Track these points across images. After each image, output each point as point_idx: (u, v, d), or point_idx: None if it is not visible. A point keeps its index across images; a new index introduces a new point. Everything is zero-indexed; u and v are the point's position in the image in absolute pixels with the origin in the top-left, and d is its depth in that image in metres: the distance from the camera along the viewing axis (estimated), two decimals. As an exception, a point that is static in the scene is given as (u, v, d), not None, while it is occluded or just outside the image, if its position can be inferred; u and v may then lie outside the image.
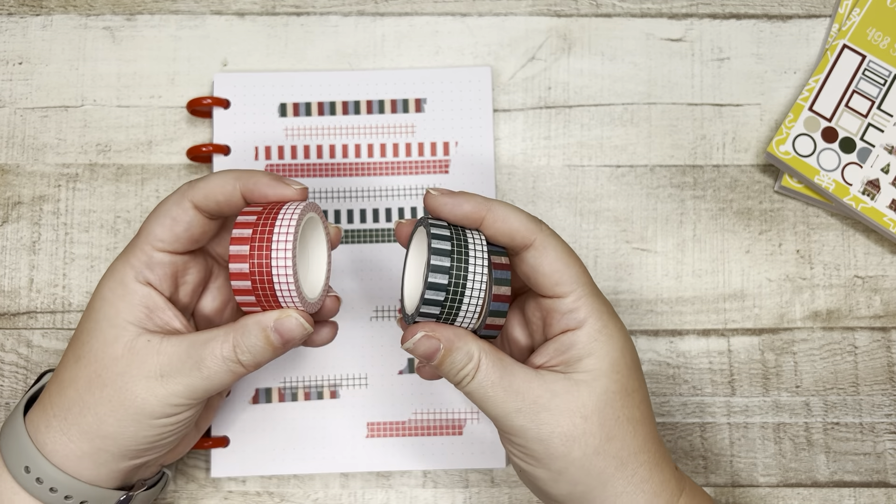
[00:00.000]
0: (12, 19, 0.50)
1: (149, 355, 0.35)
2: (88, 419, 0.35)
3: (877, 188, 0.47)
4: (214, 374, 0.34)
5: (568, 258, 0.35)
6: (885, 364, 0.48)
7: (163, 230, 0.36)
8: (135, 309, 0.35)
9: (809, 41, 0.51)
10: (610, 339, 0.35)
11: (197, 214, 0.36)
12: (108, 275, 0.36)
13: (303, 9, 0.50)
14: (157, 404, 0.34)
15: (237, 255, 0.33)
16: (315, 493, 0.46)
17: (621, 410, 0.34)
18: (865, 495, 0.47)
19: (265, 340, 0.34)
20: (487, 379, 0.33)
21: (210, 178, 0.36)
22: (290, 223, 0.33)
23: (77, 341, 0.36)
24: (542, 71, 0.50)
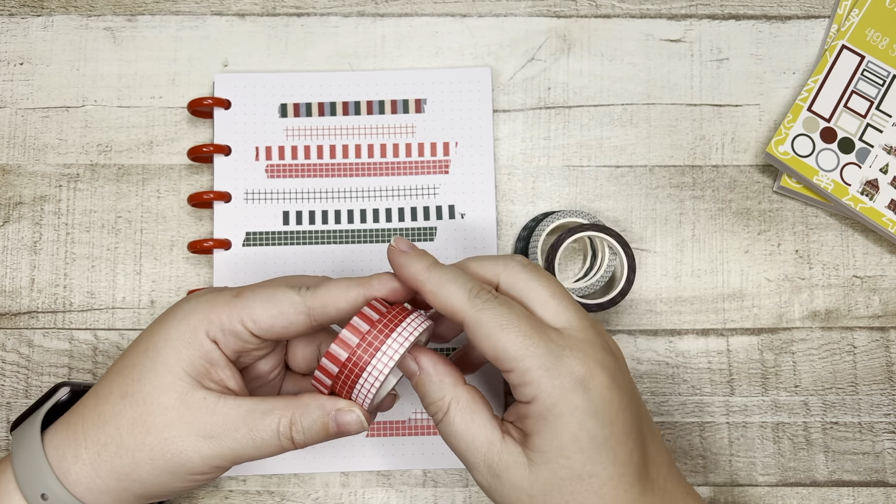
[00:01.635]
0: (13, 20, 0.50)
1: (202, 413, 0.34)
2: (124, 461, 0.34)
3: (875, 188, 0.47)
4: (265, 446, 0.34)
5: (508, 332, 0.32)
6: (883, 364, 0.48)
7: (265, 317, 0.35)
8: (197, 361, 0.34)
9: (808, 42, 0.51)
10: (558, 419, 0.32)
11: (304, 321, 0.35)
12: (180, 313, 0.35)
13: (303, 9, 0.50)
14: (200, 463, 0.34)
15: (344, 343, 0.33)
16: (315, 493, 0.46)
17: (571, 496, 0.32)
18: (864, 494, 0.47)
19: (322, 426, 0.34)
20: (449, 427, 0.34)
21: (329, 287, 0.35)
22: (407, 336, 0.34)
23: (127, 375, 0.35)
24: (541, 71, 0.50)
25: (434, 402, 0.34)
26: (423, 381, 0.34)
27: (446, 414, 0.34)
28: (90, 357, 0.47)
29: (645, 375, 0.48)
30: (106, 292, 0.48)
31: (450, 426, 0.34)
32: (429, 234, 0.48)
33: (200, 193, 0.47)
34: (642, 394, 0.48)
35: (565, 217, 0.46)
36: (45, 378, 0.47)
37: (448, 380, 0.34)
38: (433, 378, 0.34)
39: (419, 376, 0.34)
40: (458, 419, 0.34)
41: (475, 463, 0.33)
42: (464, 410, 0.34)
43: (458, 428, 0.33)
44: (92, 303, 0.48)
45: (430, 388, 0.34)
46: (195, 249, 0.47)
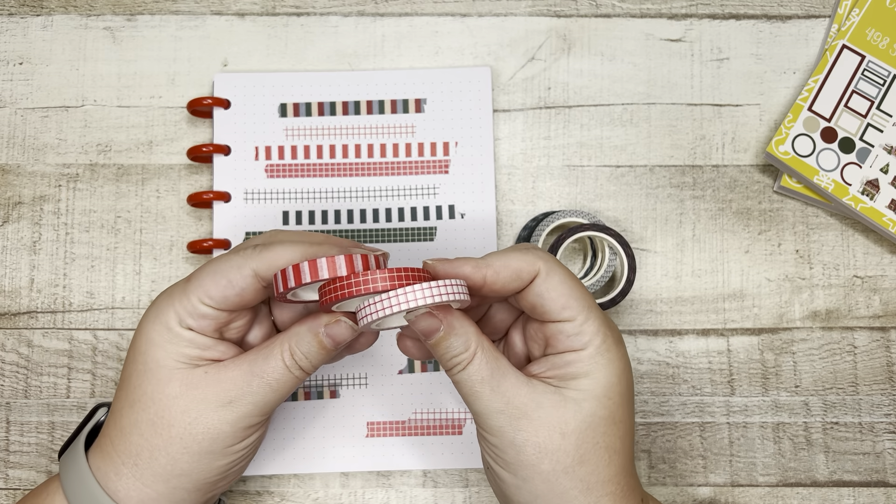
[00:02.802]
0: (13, 19, 0.50)
1: (210, 385, 0.35)
2: (161, 461, 0.35)
3: (876, 188, 0.47)
4: (282, 384, 0.35)
5: (573, 282, 0.35)
6: (884, 364, 0.48)
7: (216, 289, 0.35)
8: (184, 351, 0.35)
9: (809, 41, 0.51)
10: (610, 363, 0.34)
11: (255, 283, 0.35)
12: (152, 314, 0.36)
13: (303, 9, 0.50)
14: (230, 431, 0.35)
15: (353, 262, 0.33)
16: (315, 493, 0.46)
17: (602, 437, 0.34)
18: (864, 495, 0.47)
19: (318, 345, 0.35)
20: (478, 373, 0.34)
21: (276, 249, 0.35)
22: (449, 292, 0.33)
23: (128, 385, 0.36)
24: (541, 71, 0.50)
25: (459, 354, 0.34)
26: (448, 334, 0.34)
27: (471, 362, 0.34)
28: (90, 357, 0.47)
29: (645, 375, 0.48)
30: (105, 292, 0.48)
31: (476, 372, 0.34)
32: (429, 234, 0.48)
33: (200, 193, 0.47)
34: (643, 394, 0.48)
35: (565, 217, 0.46)
36: (45, 378, 0.47)
37: (472, 328, 0.34)
38: (457, 329, 0.34)
39: (442, 333, 0.34)
40: (485, 364, 0.34)
41: (498, 407, 0.33)
42: (489, 357, 0.34)
43: (484, 373, 0.33)
44: (91, 303, 0.48)
45: (454, 342, 0.34)
46: (195, 249, 0.47)
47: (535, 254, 0.35)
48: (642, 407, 0.48)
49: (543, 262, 0.35)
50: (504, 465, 0.34)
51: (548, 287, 0.34)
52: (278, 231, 0.39)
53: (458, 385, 0.34)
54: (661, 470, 0.47)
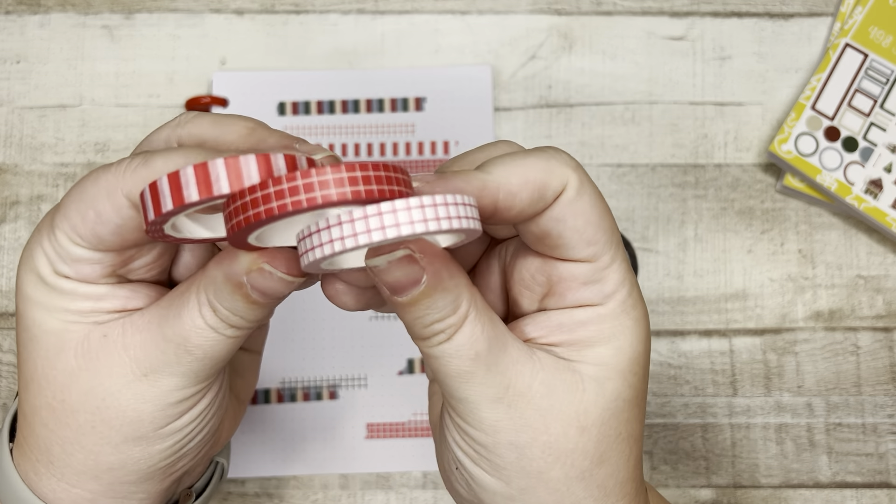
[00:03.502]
0: (10, 18, 0.50)
1: (114, 354, 0.25)
2: (78, 457, 0.26)
3: (879, 187, 0.47)
4: (212, 351, 0.25)
5: (605, 207, 0.25)
6: (887, 364, 0.48)
7: (83, 224, 0.24)
8: (67, 304, 0.25)
9: (811, 40, 0.50)
10: (636, 325, 0.25)
11: (134, 216, 0.24)
12: (23, 262, 0.26)
13: (302, 7, 0.50)
14: (153, 411, 0.26)
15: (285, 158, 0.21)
16: (314, 495, 0.46)
17: (625, 425, 0.25)
18: (868, 496, 0.47)
19: (245, 301, 0.24)
20: (470, 346, 0.23)
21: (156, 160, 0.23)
22: (449, 214, 0.20)
23: (20, 359, 0.26)
24: (542, 69, 0.50)
25: (444, 318, 0.23)
26: (433, 289, 0.22)
27: (460, 329, 0.23)
28: (87, 358, 0.47)
29: (647, 376, 0.47)
30: (103, 292, 0.48)
31: (468, 345, 0.23)
32: (429, 233, 0.47)
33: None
34: (644, 395, 0.47)
35: None
36: (42, 379, 0.47)
37: (464, 279, 0.23)
38: (445, 281, 0.22)
39: (424, 287, 0.22)
40: (481, 333, 0.23)
41: (495, 394, 0.24)
42: (485, 320, 0.24)
43: (479, 346, 0.23)
44: (89, 303, 0.47)
45: (438, 301, 0.23)
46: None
47: (560, 158, 0.24)
48: (644, 408, 0.47)
49: (573, 171, 0.24)
50: (493, 470, 0.25)
51: (574, 211, 0.24)
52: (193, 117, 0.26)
53: (435, 361, 0.24)
54: (662, 471, 0.47)
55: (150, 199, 0.20)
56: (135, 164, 0.23)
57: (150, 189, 0.20)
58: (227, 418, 0.31)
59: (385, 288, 0.22)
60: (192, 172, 0.20)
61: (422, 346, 0.24)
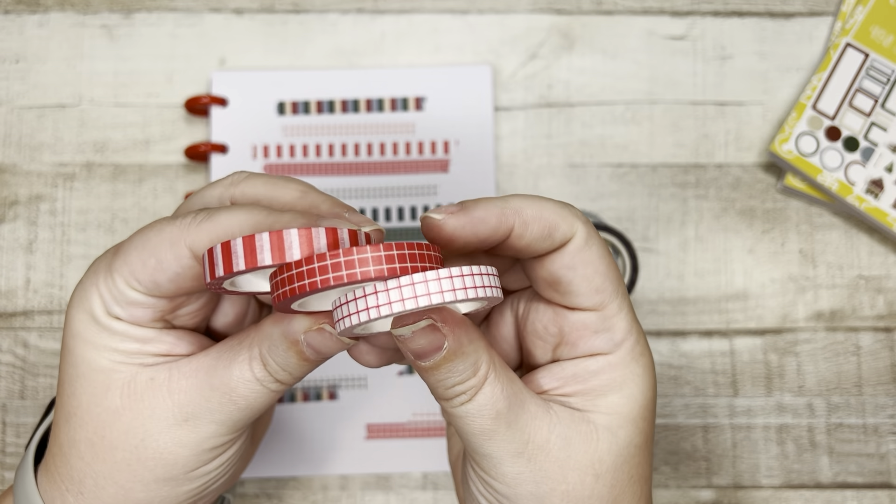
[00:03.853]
0: (9, 17, 0.50)
1: (158, 398, 0.27)
2: (109, 491, 0.27)
3: (880, 187, 0.47)
4: (252, 402, 0.27)
5: (611, 260, 0.27)
6: (888, 365, 0.48)
7: (144, 271, 0.26)
8: (117, 345, 0.27)
9: (812, 39, 0.50)
10: (645, 372, 0.27)
11: (194, 265, 0.26)
12: (76, 298, 0.27)
13: (301, 6, 0.50)
14: (189, 455, 0.27)
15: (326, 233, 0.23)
16: (314, 496, 0.46)
17: (636, 469, 0.27)
18: (869, 497, 0.46)
19: (298, 357, 0.26)
20: (491, 406, 0.25)
21: (222, 218, 0.25)
22: (473, 285, 0.22)
23: (63, 392, 0.28)
24: (543, 69, 0.50)
25: (465, 380, 0.25)
26: (455, 354, 0.24)
27: (480, 390, 0.25)
28: (86, 358, 0.47)
29: (647, 377, 0.47)
30: (102, 293, 0.47)
31: (489, 405, 0.25)
32: (429, 233, 0.47)
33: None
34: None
35: None
36: (41, 379, 0.46)
37: (482, 342, 0.25)
38: (466, 346, 0.24)
39: (446, 353, 0.24)
40: (501, 393, 0.25)
41: (516, 449, 0.25)
42: (504, 380, 0.25)
43: (500, 405, 0.25)
44: (88, 303, 0.47)
45: (460, 363, 0.24)
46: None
47: (571, 211, 0.26)
48: (644, 408, 0.47)
49: (583, 224, 0.26)
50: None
51: (583, 259, 0.26)
52: (247, 177, 0.28)
53: (460, 420, 0.25)
54: (663, 472, 0.47)
55: (220, 257, 0.23)
56: (199, 218, 0.25)
57: (223, 248, 0.23)
58: (242, 460, 0.32)
59: (409, 354, 0.24)
60: (268, 239, 0.22)
61: (445, 406, 0.26)
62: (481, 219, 0.25)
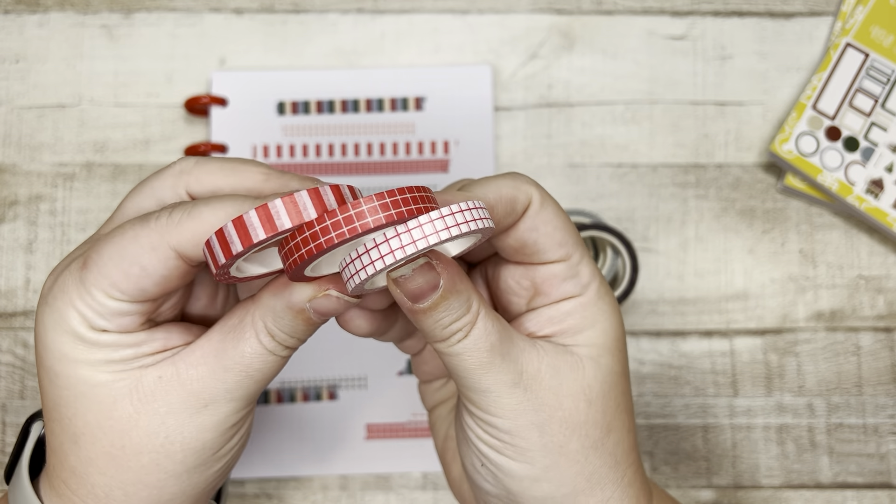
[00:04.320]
0: (9, 17, 0.50)
1: (172, 393, 0.27)
2: (142, 495, 0.27)
3: (880, 187, 0.47)
4: (265, 371, 0.27)
5: (563, 212, 0.29)
6: (888, 365, 0.47)
7: (127, 281, 0.25)
8: (111, 356, 0.26)
9: (812, 39, 0.50)
10: (611, 308, 0.29)
11: (180, 265, 0.26)
12: (48, 319, 0.26)
13: (301, 6, 0.50)
14: (215, 437, 0.27)
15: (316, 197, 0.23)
16: (314, 496, 0.46)
17: (621, 397, 0.29)
18: (869, 497, 0.46)
19: (305, 322, 0.27)
20: (485, 339, 0.26)
21: (202, 212, 0.25)
22: (465, 220, 0.23)
23: (60, 416, 0.27)
24: (543, 69, 0.50)
25: (460, 317, 0.26)
26: (449, 292, 0.25)
27: (475, 325, 0.26)
28: (86, 358, 0.47)
29: (648, 377, 0.47)
30: (102, 293, 0.47)
31: (483, 338, 0.26)
32: (429, 233, 0.47)
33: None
34: (645, 395, 0.47)
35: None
36: (41, 379, 0.46)
37: (468, 280, 0.26)
38: (458, 284, 0.26)
39: (442, 291, 0.25)
40: (493, 326, 0.26)
41: (512, 379, 0.27)
42: (493, 316, 0.27)
43: (493, 338, 0.26)
44: (88, 303, 0.47)
45: (454, 301, 0.25)
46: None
47: (522, 178, 0.28)
48: (645, 409, 0.47)
49: (535, 188, 0.28)
50: (518, 454, 0.27)
51: (543, 219, 0.28)
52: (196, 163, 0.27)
53: (456, 358, 0.26)
54: (663, 472, 0.47)
55: (218, 246, 0.23)
56: (177, 216, 0.25)
57: (218, 236, 0.23)
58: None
59: (407, 299, 0.25)
60: (255, 214, 0.22)
61: (442, 348, 0.27)
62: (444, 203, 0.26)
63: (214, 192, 0.27)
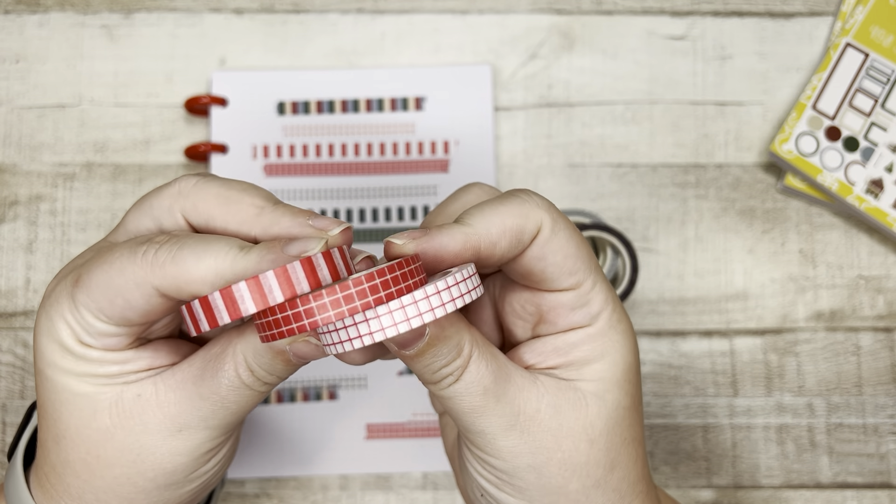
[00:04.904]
0: (9, 17, 0.50)
1: (148, 412, 0.27)
2: (113, 502, 0.28)
3: (880, 187, 0.47)
4: (242, 404, 0.27)
5: (580, 239, 0.27)
6: (888, 365, 0.47)
7: (111, 308, 0.26)
8: (96, 369, 0.27)
9: (812, 39, 0.50)
10: (624, 338, 0.28)
11: (162, 302, 0.26)
12: (43, 325, 0.27)
13: (301, 6, 0.50)
14: (188, 462, 0.28)
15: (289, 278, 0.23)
16: (314, 495, 0.46)
17: (628, 430, 0.27)
18: (869, 497, 0.46)
19: (284, 363, 0.27)
20: (478, 382, 0.25)
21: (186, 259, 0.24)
22: (462, 293, 0.23)
23: (47, 415, 0.28)
24: (543, 69, 0.50)
25: (450, 362, 0.25)
26: (436, 339, 0.25)
27: (466, 369, 0.25)
28: (86, 358, 0.47)
29: (648, 377, 0.47)
30: (102, 293, 0.47)
31: (476, 382, 0.25)
32: (429, 233, 0.47)
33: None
34: (645, 395, 0.47)
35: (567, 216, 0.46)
36: (41, 379, 0.46)
37: (461, 323, 0.26)
38: (447, 330, 0.25)
39: (427, 340, 0.24)
40: (486, 368, 0.25)
41: (507, 422, 0.26)
42: (488, 356, 0.26)
43: (486, 381, 0.25)
44: (88, 303, 0.47)
45: (443, 348, 0.25)
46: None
47: (533, 202, 0.26)
48: (645, 409, 0.47)
49: (547, 213, 0.26)
50: (516, 491, 0.27)
51: (552, 248, 0.26)
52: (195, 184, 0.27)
53: (449, 401, 0.26)
54: (663, 472, 0.47)
55: (202, 313, 0.23)
56: (162, 257, 0.25)
57: (202, 304, 0.23)
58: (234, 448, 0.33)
59: (393, 345, 0.25)
60: (220, 298, 0.22)
61: (434, 390, 0.26)
62: (443, 245, 0.25)
63: (208, 221, 0.27)
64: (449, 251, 0.25)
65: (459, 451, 0.30)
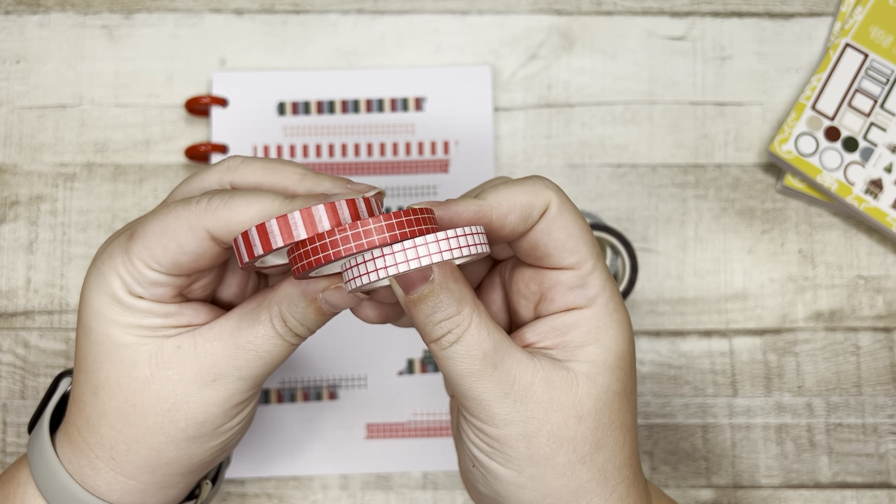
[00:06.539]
0: (10, 18, 0.50)
1: (186, 362, 0.29)
2: (142, 453, 0.30)
3: (879, 188, 0.47)
4: (275, 355, 0.30)
5: (584, 223, 0.29)
6: (887, 365, 0.48)
7: (165, 254, 0.28)
8: (142, 321, 0.29)
9: (812, 39, 0.50)
10: (619, 325, 0.29)
11: (212, 246, 0.28)
12: (94, 281, 0.29)
13: (301, 7, 0.50)
14: (218, 413, 0.30)
15: (331, 211, 0.26)
16: (314, 495, 0.46)
17: (617, 415, 0.29)
18: (868, 497, 0.47)
19: (316, 311, 0.29)
20: (478, 346, 0.27)
21: (237, 204, 0.28)
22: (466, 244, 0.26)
23: (86, 368, 0.30)
24: (542, 69, 0.50)
25: (450, 317, 0.27)
26: (441, 287, 0.26)
27: (467, 330, 0.27)
28: (86, 358, 0.47)
29: (647, 377, 0.47)
30: (102, 293, 0.47)
31: (476, 345, 0.27)
32: (429, 233, 0.47)
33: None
34: (644, 395, 0.47)
35: None
36: (42, 379, 0.46)
37: (467, 287, 0.27)
38: (452, 280, 0.26)
39: (430, 285, 0.26)
40: (486, 335, 0.27)
41: (503, 390, 0.27)
42: (489, 325, 0.27)
43: (486, 346, 0.27)
44: (88, 303, 0.47)
45: (444, 300, 0.26)
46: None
47: (543, 183, 0.29)
48: (644, 408, 0.47)
49: (555, 193, 0.29)
50: (506, 461, 0.28)
51: (557, 225, 0.28)
52: (242, 161, 0.30)
53: (449, 363, 0.27)
54: (663, 472, 0.47)
55: (243, 246, 0.26)
56: (215, 203, 0.28)
57: (243, 238, 0.26)
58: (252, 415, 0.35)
59: (400, 287, 0.26)
60: (276, 224, 0.26)
61: (435, 350, 0.27)
62: (457, 212, 0.28)
63: (256, 187, 0.30)
64: (462, 218, 0.28)
65: (457, 423, 0.31)
